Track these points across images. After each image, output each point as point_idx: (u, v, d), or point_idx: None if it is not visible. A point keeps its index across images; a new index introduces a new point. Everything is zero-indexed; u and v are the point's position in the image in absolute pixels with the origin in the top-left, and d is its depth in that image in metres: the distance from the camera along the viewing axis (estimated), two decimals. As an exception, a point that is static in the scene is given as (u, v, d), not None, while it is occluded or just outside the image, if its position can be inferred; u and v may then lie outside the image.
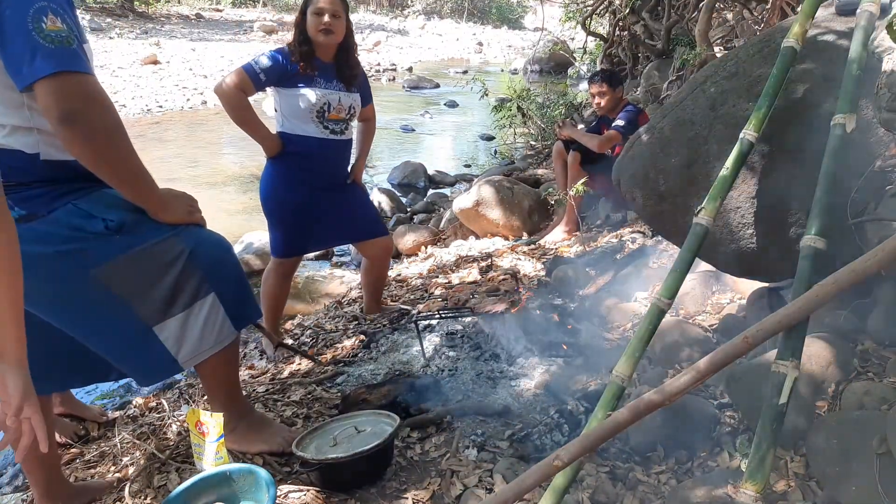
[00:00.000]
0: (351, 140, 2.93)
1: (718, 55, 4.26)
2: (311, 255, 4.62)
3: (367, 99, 3.00)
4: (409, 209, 6.22)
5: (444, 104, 12.39)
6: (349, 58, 2.84)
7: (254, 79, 2.63)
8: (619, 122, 4.03)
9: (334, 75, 2.78)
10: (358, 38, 21.89)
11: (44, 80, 1.36)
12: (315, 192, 2.82)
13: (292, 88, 2.69)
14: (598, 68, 8.10)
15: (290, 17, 16.23)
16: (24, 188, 1.50)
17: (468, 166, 8.26)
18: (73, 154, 1.48)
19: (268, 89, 2.76)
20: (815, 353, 1.75)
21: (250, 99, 2.70)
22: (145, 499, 1.77)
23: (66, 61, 1.38)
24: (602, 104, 4.24)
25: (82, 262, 1.55)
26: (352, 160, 3.04)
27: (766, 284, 2.26)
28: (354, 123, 2.99)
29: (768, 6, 4.14)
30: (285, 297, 3.11)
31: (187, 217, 1.71)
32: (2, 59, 1.38)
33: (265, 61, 2.64)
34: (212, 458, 1.68)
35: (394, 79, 15.83)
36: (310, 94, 2.69)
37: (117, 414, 2.61)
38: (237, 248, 4.49)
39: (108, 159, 1.51)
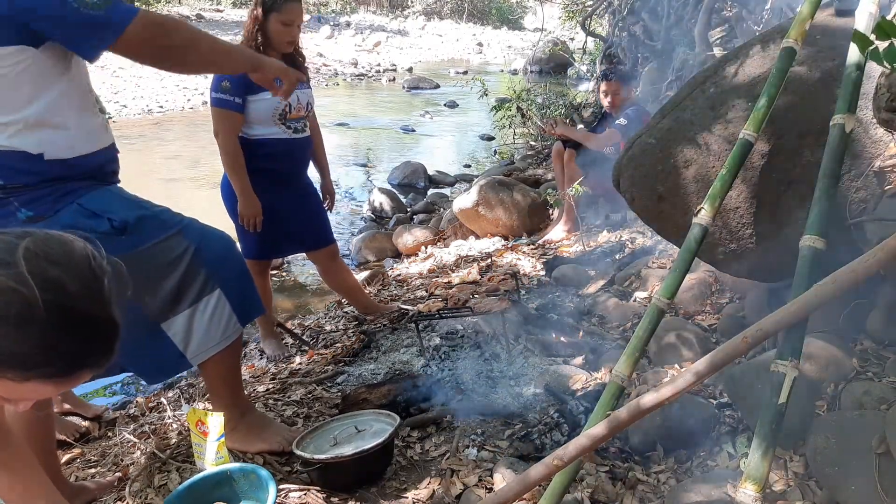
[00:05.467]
0: (310, 137, 2.90)
1: (718, 55, 4.26)
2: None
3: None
4: (409, 209, 6.23)
5: (444, 104, 12.40)
6: (297, 53, 2.80)
7: (235, 109, 2.58)
8: (621, 121, 4.03)
9: None
10: (358, 38, 22.02)
11: (121, 39, 1.46)
12: (283, 193, 2.82)
13: (253, 95, 2.62)
14: (597, 69, 8.10)
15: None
16: (30, 190, 1.51)
17: (468, 166, 8.26)
18: (177, 73, 1.70)
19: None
20: (815, 352, 1.76)
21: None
22: (146, 498, 1.78)
23: (123, 13, 1.46)
24: (613, 102, 4.24)
25: None
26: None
27: (766, 284, 2.27)
28: None
29: (768, 6, 4.14)
30: (269, 294, 3.15)
31: (283, 72, 1.84)
32: (65, 45, 1.48)
33: (228, 84, 2.57)
34: (212, 457, 1.69)
35: (394, 79, 15.84)
36: (271, 99, 2.64)
37: (118, 413, 2.61)
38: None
39: (202, 62, 1.71)
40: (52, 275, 0.81)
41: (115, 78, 12.50)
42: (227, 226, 2.83)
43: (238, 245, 1.88)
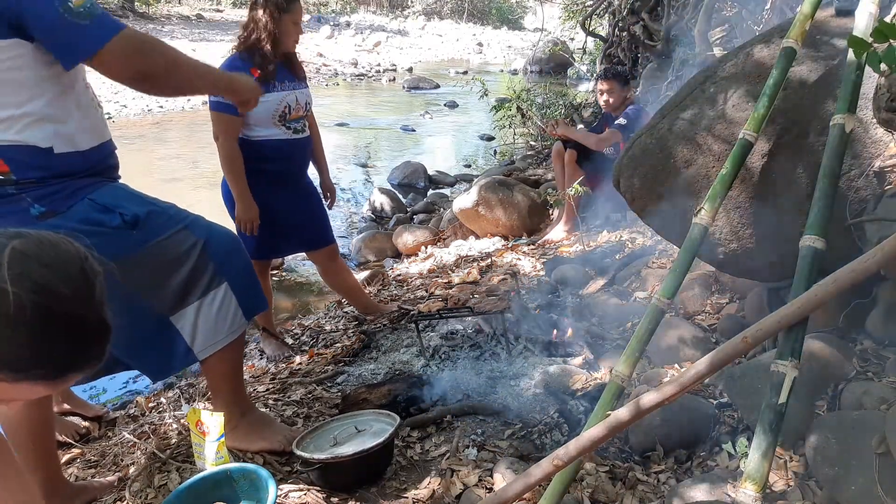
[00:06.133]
0: (310, 137, 2.91)
1: (718, 55, 4.27)
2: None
3: None
4: (409, 209, 6.23)
5: (444, 104, 12.40)
6: (293, 53, 2.80)
7: (234, 112, 2.56)
8: (621, 121, 4.03)
9: (285, 74, 2.73)
10: (358, 38, 22.01)
11: (101, 53, 1.45)
12: (282, 193, 2.82)
13: None
14: (597, 69, 8.09)
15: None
16: (41, 186, 1.53)
17: (468, 166, 8.26)
18: (153, 96, 1.65)
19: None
20: (815, 352, 1.75)
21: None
22: (146, 498, 1.78)
23: (107, 28, 1.46)
24: (611, 102, 4.24)
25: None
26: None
27: (766, 284, 2.27)
28: None
29: (768, 6, 4.14)
30: (270, 294, 3.16)
31: (256, 93, 1.84)
32: (45, 46, 1.46)
33: None
34: (212, 457, 1.69)
35: (394, 79, 15.83)
36: (272, 100, 2.64)
37: (118, 413, 2.61)
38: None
39: (178, 87, 1.71)
40: (40, 276, 0.80)
41: (115, 78, 12.47)
42: (227, 225, 2.84)
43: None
